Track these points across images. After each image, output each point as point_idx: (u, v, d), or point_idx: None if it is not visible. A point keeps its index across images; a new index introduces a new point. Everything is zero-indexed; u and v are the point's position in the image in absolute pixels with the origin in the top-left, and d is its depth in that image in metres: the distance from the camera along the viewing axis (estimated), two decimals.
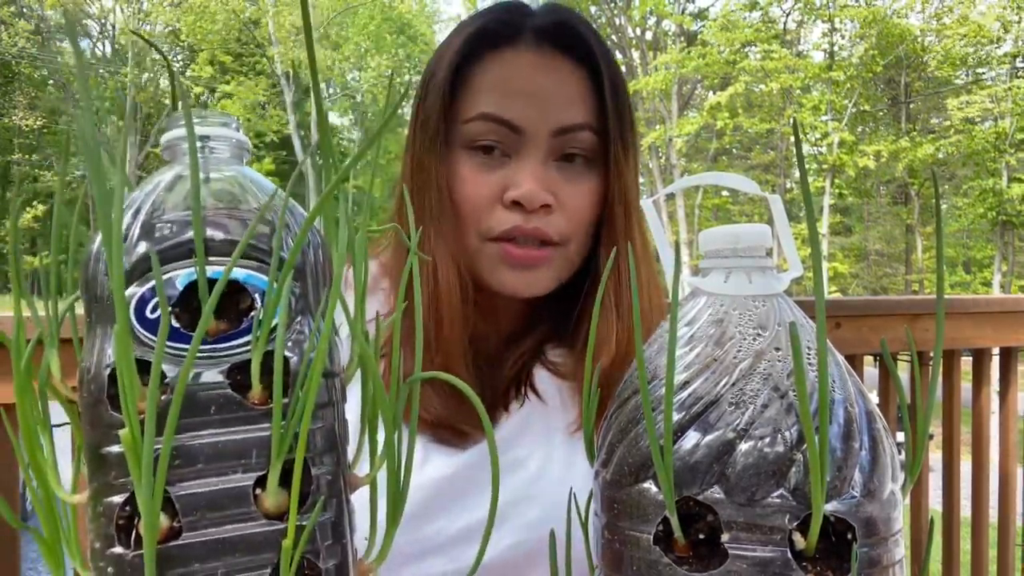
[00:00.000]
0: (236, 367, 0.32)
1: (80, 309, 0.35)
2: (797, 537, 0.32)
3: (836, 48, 17.50)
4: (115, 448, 0.31)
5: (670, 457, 0.32)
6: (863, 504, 0.32)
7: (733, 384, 0.34)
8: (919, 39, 16.66)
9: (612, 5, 19.06)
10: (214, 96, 22.24)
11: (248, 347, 0.32)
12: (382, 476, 0.35)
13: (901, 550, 0.34)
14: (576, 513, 0.39)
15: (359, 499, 0.36)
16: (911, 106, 18.99)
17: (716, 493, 0.33)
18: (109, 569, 0.31)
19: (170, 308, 0.32)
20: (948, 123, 16.30)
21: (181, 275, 0.32)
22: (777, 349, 0.35)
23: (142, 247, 0.32)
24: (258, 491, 0.32)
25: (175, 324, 0.32)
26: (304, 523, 0.32)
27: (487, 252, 0.74)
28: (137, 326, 0.32)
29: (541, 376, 0.79)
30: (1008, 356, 1.72)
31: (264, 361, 0.32)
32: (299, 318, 0.34)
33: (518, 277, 0.74)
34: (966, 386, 1.70)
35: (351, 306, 0.36)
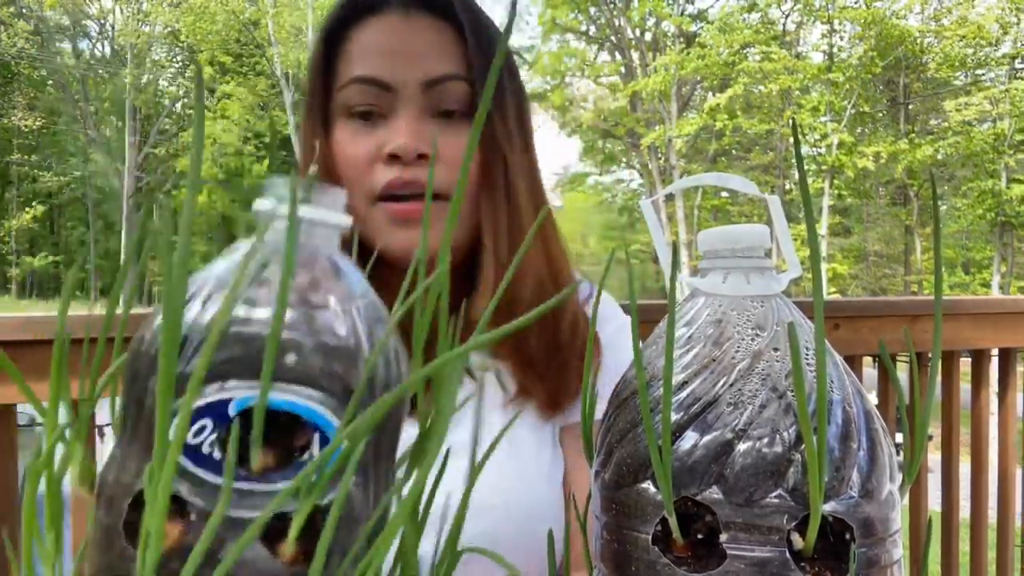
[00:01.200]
0: (278, 515, 0.27)
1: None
2: (795, 537, 0.32)
3: (835, 49, 17.52)
4: None
5: (668, 457, 0.32)
6: (861, 504, 0.32)
7: (731, 384, 0.34)
8: (918, 40, 16.67)
9: (611, 6, 19.06)
10: (213, 96, 22.24)
11: (293, 494, 0.27)
12: None
13: (899, 550, 0.34)
14: (575, 514, 0.39)
15: None
16: (910, 107, 19.00)
17: (714, 493, 0.33)
18: None
19: (214, 436, 0.27)
20: (947, 124, 16.31)
21: (239, 397, 0.28)
22: (775, 349, 0.35)
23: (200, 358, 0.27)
24: None
25: (215, 455, 0.27)
26: None
27: (374, 216, 0.75)
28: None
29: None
30: (1007, 357, 1.72)
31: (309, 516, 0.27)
32: (354, 476, 0.29)
33: (406, 235, 0.74)
34: (965, 387, 1.70)
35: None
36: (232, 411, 0.28)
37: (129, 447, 0.28)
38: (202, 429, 0.27)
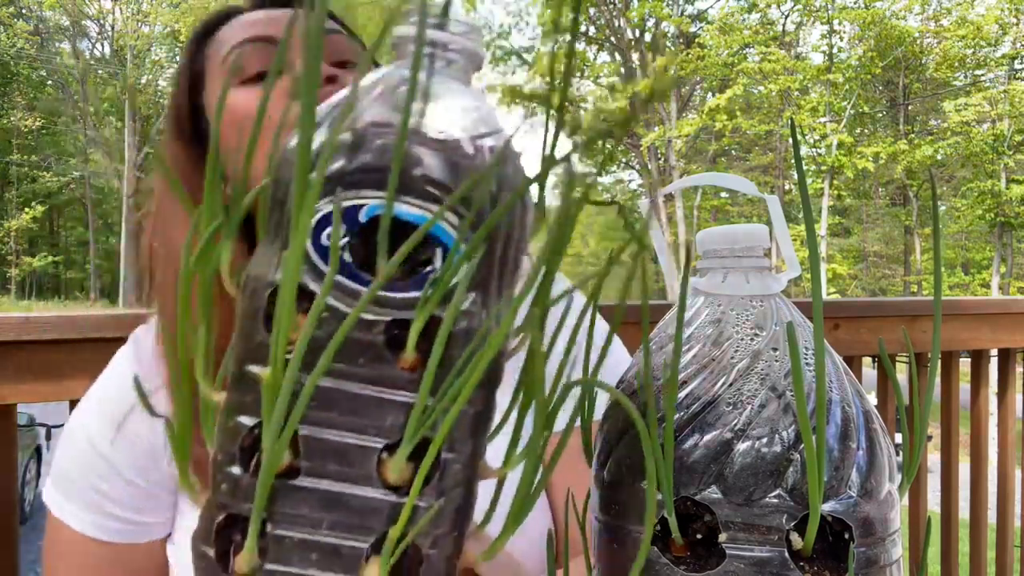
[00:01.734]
0: (395, 322, 0.29)
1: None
2: (794, 537, 0.32)
3: (835, 50, 17.52)
4: (261, 371, 0.29)
5: (671, 460, 0.32)
6: (860, 504, 0.33)
7: (731, 384, 0.34)
8: (918, 41, 16.68)
9: (611, 7, 19.07)
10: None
11: (413, 305, 0.29)
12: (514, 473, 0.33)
13: (899, 550, 0.34)
14: (575, 514, 0.39)
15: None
16: (909, 108, 19.00)
17: (714, 493, 0.33)
18: (223, 485, 0.30)
19: (346, 239, 0.29)
20: (946, 125, 16.32)
21: (368, 205, 0.29)
22: (775, 349, 0.35)
23: (339, 163, 0.29)
24: (383, 455, 0.30)
25: (347, 258, 0.29)
26: (423, 504, 0.30)
27: None
28: (311, 249, 0.29)
29: None
30: (1006, 357, 1.72)
31: (426, 325, 0.29)
32: (473, 293, 0.30)
33: None
34: (964, 387, 1.70)
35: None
36: (363, 217, 0.29)
37: (272, 245, 0.30)
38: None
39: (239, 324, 0.30)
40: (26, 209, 23.30)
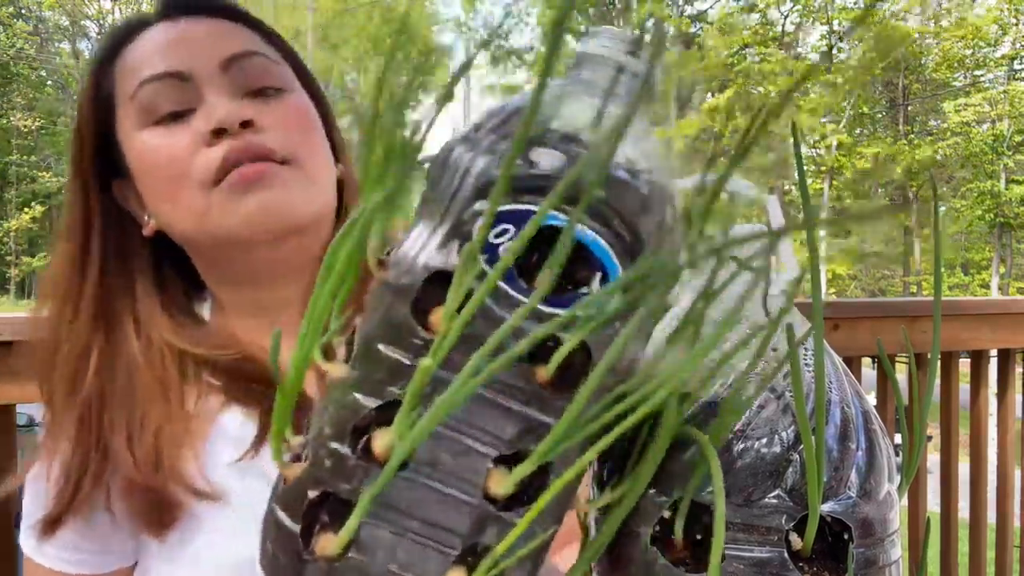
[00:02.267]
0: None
1: None
2: (794, 538, 0.32)
3: (834, 51, 17.52)
4: (394, 354, 0.29)
5: (673, 460, 0.32)
6: (859, 505, 0.33)
7: (730, 385, 0.34)
8: (917, 41, 16.69)
9: (610, 8, 19.08)
10: None
11: (565, 321, 0.28)
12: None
13: (898, 551, 0.34)
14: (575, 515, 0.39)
15: None
16: (909, 108, 19.02)
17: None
18: (327, 461, 0.29)
19: (509, 242, 0.29)
20: (945, 126, 16.33)
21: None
22: (774, 350, 0.35)
23: (521, 167, 0.29)
24: (490, 466, 0.29)
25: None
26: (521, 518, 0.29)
27: (216, 200, 0.67)
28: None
29: None
30: (1006, 358, 1.72)
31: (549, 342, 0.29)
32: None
33: (254, 198, 0.66)
34: (964, 388, 1.70)
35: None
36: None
37: (433, 230, 0.30)
38: (504, 232, 0.29)
39: (377, 301, 0.30)
40: (25, 209, 23.29)
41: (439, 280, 0.29)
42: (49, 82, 25.46)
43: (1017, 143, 15.31)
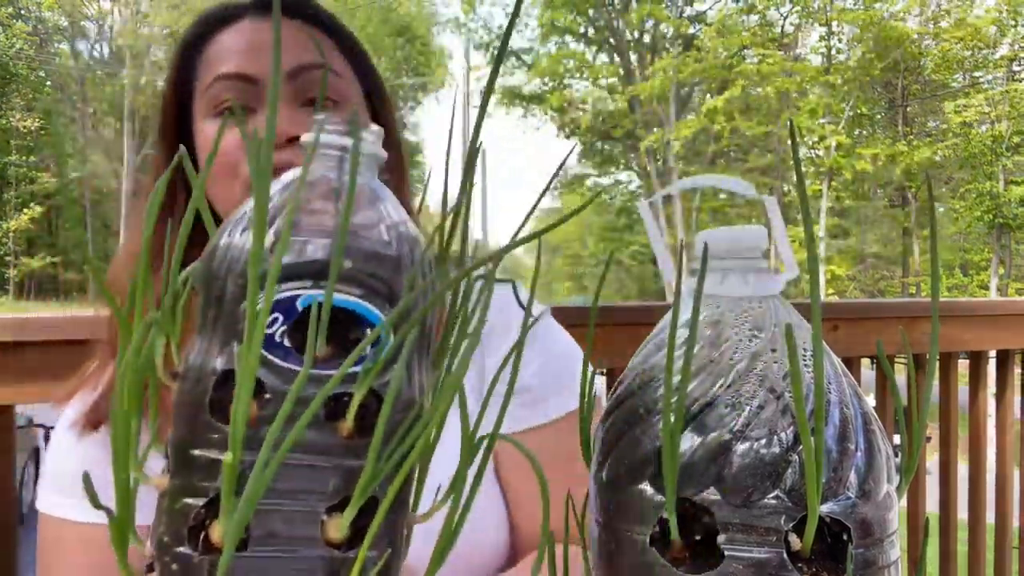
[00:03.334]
0: (331, 396, 0.32)
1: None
2: (793, 538, 0.32)
3: (833, 51, 17.54)
4: (206, 454, 0.32)
5: (675, 460, 0.32)
6: (858, 505, 0.33)
7: (729, 386, 0.34)
8: (916, 42, 16.70)
9: (610, 8, 19.09)
10: None
11: (347, 380, 0.32)
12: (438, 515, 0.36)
13: (897, 551, 0.34)
14: (574, 515, 0.39)
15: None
16: (908, 109, 19.03)
17: (712, 494, 0.33)
18: (173, 566, 0.31)
19: (284, 327, 0.33)
20: (945, 126, 16.34)
21: (303, 296, 0.33)
22: (773, 350, 0.35)
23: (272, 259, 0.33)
24: (324, 518, 0.32)
25: (286, 343, 0.33)
26: (372, 554, 0.32)
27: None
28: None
29: None
30: (1005, 359, 1.72)
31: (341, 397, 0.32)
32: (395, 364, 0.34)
33: None
34: (963, 388, 1.70)
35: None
36: (299, 306, 0.33)
37: (211, 337, 0.34)
38: (275, 321, 0.33)
39: (178, 411, 0.33)
40: (25, 210, 23.27)
41: (231, 378, 0.32)
42: (48, 82, 25.44)
43: (1016, 144, 15.31)
